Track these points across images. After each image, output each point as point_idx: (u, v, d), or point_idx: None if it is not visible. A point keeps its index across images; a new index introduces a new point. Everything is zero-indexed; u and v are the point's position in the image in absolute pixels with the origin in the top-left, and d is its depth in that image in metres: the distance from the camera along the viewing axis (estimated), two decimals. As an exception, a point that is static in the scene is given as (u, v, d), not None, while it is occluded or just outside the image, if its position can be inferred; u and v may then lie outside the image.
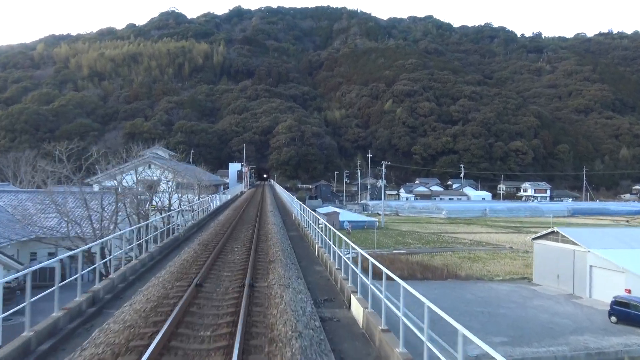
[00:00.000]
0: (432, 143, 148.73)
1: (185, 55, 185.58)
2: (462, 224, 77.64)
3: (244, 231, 20.66)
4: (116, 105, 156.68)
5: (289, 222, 27.27)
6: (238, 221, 24.35)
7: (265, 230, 20.90)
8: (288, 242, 18.12)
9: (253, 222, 23.90)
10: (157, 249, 15.13)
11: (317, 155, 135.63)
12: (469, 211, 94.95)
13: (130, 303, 8.57)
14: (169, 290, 9.34)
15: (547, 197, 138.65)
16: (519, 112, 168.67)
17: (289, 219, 29.00)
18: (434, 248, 45.01)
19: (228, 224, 22.89)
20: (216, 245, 15.72)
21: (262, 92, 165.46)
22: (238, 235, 19.25)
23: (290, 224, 25.98)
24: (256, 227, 21.23)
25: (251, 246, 15.64)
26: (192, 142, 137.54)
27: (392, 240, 50.78)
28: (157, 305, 8.24)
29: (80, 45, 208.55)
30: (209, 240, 17.32)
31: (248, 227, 22.16)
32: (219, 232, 20.03)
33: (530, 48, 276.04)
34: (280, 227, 22.90)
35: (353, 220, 63.08)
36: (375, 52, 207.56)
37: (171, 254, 15.49)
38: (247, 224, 23.68)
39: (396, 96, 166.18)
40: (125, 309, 8.18)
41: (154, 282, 10.38)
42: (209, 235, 19.18)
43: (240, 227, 22.03)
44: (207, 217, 28.33)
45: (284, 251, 15.24)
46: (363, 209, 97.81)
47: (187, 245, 16.63)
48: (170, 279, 10.40)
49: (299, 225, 24.82)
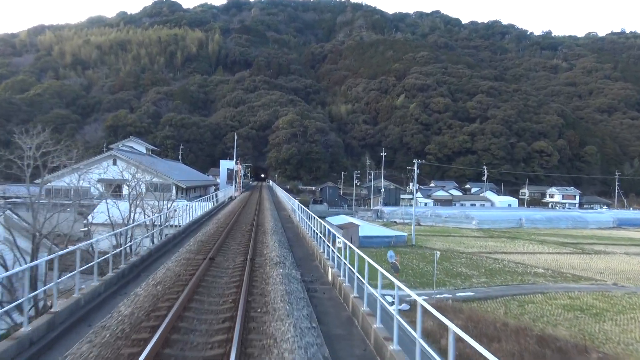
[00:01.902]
0: (449, 142, 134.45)
1: (177, 43, 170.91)
2: (504, 238, 63.38)
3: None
4: (99, 96, 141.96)
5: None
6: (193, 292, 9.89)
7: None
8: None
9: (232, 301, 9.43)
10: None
11: (321, 154, 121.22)
12: (502, 221, 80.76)
13: None
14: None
15: (576, 203, 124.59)
16: (541, 110, 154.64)
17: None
18: (510, 286, 30.76)
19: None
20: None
21: (261, 84, 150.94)
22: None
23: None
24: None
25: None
26: (182, 137, 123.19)
27: (440, 270, 36.48)
28: None
29: (66, 33, 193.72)
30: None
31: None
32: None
33: (544, 45, 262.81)
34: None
35: (377, 236, 48.74)
36: (383, 45, 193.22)
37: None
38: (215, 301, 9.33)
39: (408, 90, 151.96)
40: None
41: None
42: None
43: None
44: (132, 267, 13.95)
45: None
46: (377, 216, 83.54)
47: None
48: None
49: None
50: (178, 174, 61.32)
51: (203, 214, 27.42)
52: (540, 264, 41.48)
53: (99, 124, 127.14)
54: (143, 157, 58.36)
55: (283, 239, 18.25)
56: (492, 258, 43.80)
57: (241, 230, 20.07)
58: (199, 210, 27.48)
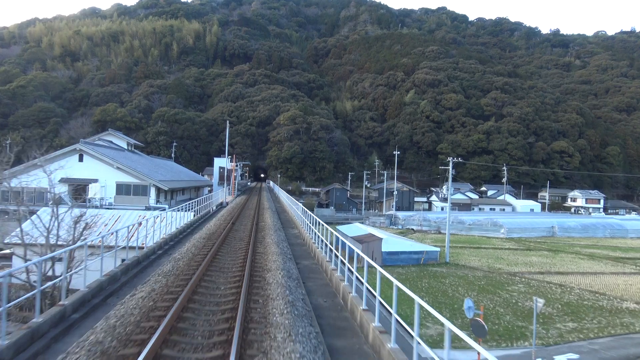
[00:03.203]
0: (462, 141, 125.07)
1: (173, 34, 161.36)
2: (544, 251, 54.07)
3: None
4: (88, 89, 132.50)
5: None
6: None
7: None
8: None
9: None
10: None
11: (325, 153, 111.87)
12: (532, 229, 71.46)
13: None
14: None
15: (600, 208, 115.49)
16: (559, 108, 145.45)
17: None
18: (619, 338, 21.42)
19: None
20: None
21: (261, 78, 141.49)
22: None
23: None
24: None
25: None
26: (176, 133, 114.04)
27: (500, 303, 27.27)
28: None
29: (57, 24, 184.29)
30: None
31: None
32: None
33: (555, 42, 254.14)
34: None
35: (403, 251, 39.38)
36: (390, 39, 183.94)
37: None
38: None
39: (417, 86, 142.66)
40: None
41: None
42: None
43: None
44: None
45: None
46: (390, 222, 74.22)
47: None
48: None
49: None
50: (164, 173, 52.08)
51: (161, 242, 17.71)
52: (620, 292, 32.22)
53: (86, 118, 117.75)
54: (121, 153, 49.09)
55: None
56: (554, 283, 34.48)
57: (219, 293, 10.36)
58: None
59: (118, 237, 13.39)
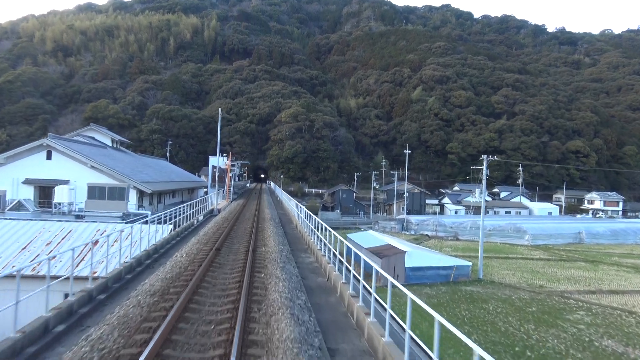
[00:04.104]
0: (473, 140, 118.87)
1: (170, 29, 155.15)
2: (580, 262, 47.89)
3: None
4: (80, 85, 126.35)
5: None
6: None
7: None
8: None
9: None
10: None
11: (329, 152, 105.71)
12: (559, 235, 65.23)
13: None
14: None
15: (620, 211, 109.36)
16: (572, 106, 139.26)
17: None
18: None
19: None
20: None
21: (262, 74, 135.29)
22: None
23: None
24: None
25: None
26: (171, 131, 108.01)
27: (568, 340, 21.16)
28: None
29: (50, 19, 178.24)
30: None
31: None
32: None
33: (563, 40, 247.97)
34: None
35: (430, 267, 33.11)
36: (395, 35, 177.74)
37: None
38: None
39: (425, 83, 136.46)
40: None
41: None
42: None
43: None
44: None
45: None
46: (402, 227, 68.01)
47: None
48: None
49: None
50: (151, 173, 45.94)
51: (115, 275, 11.37)
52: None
53: (76, 115, 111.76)
54: (101, 150, 42.93)
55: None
56: (617, 308, 28.26)
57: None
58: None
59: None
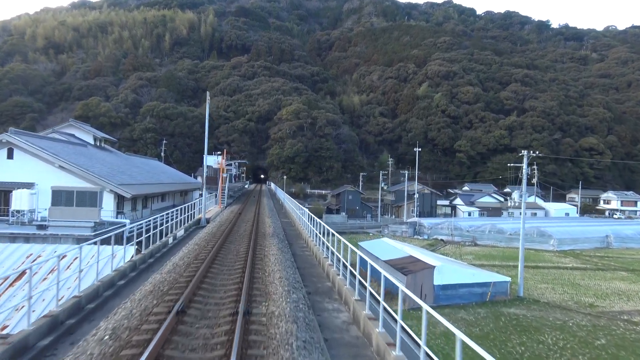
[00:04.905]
0: (482, 138, 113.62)
1: (166, 25, 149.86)
2: (621, 272, 42.66)
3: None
4: (71, 82, 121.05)
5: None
6: None
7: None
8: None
9: None
10: None
11: (333, 151, 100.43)
12: (585, 239, 59.97)
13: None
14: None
15: (638, 211, 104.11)
16: (584, 102, 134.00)
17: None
18: None
19: None
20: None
21: (261, 70, 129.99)
22: None
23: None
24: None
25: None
26: (166, 130, 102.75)
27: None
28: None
29: (43, 15, 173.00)
30: None
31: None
32: None
33: (568, 36, 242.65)
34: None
35: (464, 284, 27.78)
36: (398, 30, 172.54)
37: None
38: None
39: (431, 78, 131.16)
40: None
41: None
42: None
43: None
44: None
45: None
46: (415, 232, 62.70)
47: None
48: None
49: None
50: (136, 174, 40.68)
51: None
52: None
53: (66, 114, 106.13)
54: (78, 148, 37.61)
55: None
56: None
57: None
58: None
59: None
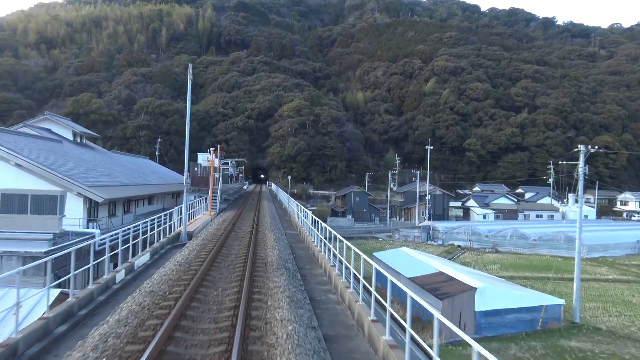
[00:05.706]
0: (493, 136, 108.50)
1: (162, 19, 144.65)
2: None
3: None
4: (62, 78, 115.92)
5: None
6: None
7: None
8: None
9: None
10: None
11: (336, 149, 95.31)
12: (616, 245, 54.96)
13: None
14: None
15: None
16: (597, 99, 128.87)
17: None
18: None
19: None
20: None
21: (260, 66, 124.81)
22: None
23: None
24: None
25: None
26: (161, 127, 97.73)
27: None
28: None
29: (35, 10, 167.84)
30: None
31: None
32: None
33: (575, 33, 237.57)
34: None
35: (511, 309, 22.64)
36: (402, 26, 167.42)
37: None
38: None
39: (438, 74, 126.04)
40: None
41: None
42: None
43: None
44: None
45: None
46: (428, 237, 57.56)
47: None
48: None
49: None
50: (118, 174, 35.56)
51: None
52: None
53: (56, 111, 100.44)
54: (47, 144, 32.42)
55: None
56: None
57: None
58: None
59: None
